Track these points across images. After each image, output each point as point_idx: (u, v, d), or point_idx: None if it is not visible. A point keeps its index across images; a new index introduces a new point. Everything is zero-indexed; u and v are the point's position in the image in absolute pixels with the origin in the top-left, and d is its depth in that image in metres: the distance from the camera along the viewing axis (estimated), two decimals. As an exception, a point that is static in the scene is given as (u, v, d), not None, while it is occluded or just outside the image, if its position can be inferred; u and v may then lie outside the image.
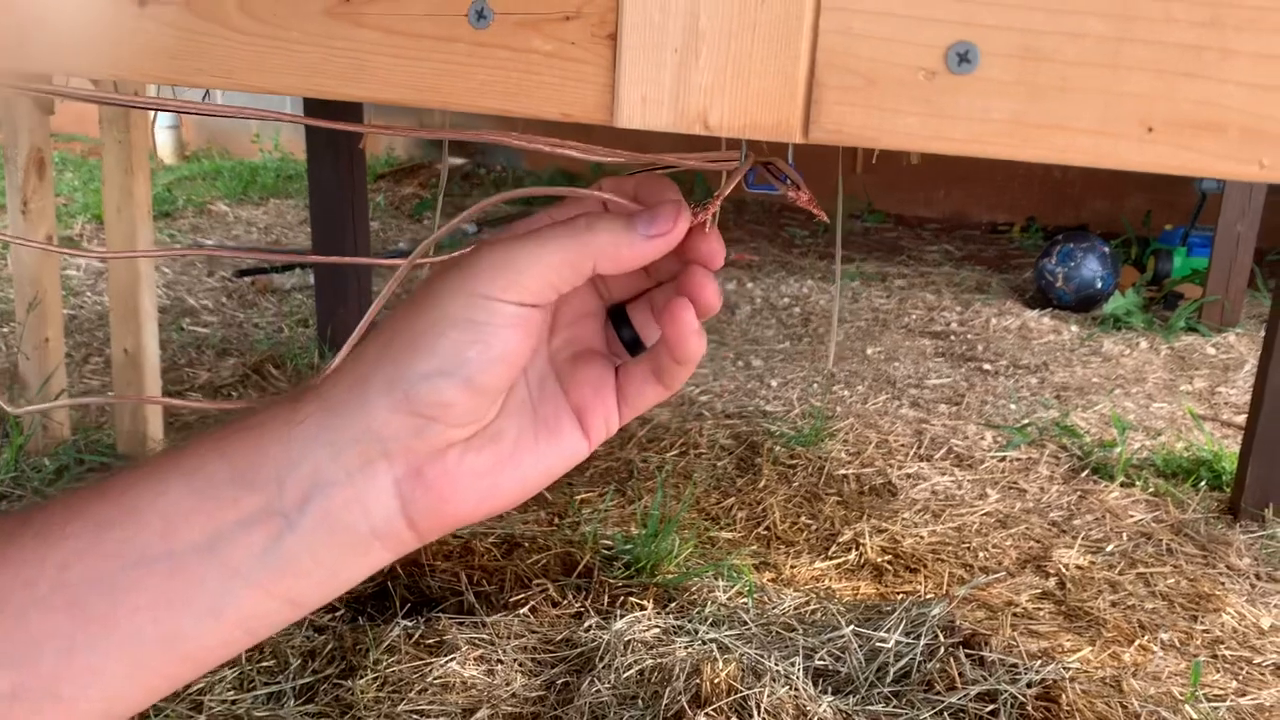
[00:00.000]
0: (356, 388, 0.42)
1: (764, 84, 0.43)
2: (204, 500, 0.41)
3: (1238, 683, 1.67)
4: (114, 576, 0.40)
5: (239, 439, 0.42)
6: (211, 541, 0.41)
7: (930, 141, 0.42)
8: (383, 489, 0.42)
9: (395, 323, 0.43)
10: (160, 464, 0.42)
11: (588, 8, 0.45)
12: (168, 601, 0.40)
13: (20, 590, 0.39)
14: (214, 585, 0.41)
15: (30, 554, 0.40)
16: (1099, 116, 0.40)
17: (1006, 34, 0.40)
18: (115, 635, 0.40)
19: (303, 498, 0.41)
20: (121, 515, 0.41)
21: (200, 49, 0.52)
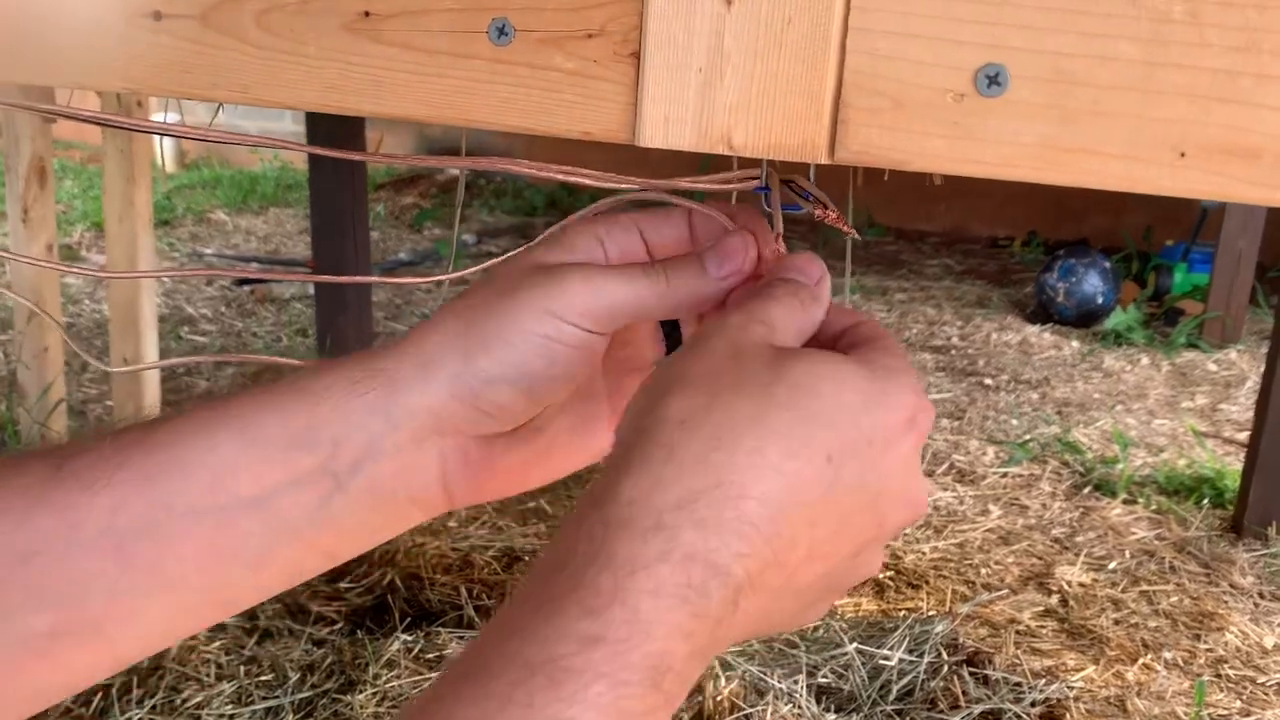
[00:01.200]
0: (424, 369, 0.43)
1: (789, 104, 0.43)
2: (256, 458, 0.42)
3: (1241, 703, 1.66)
4: (161, 526, 0.41)
5: (296, 399, 0.43)
6: (260, 498, 0.42)
7: (958, 164, 0.41)
8: (429, 462, 0.44)
9: (471, 312, 0.44)
10: (209, 417, 0.43)
11: (611, 25, 0.44)
12: (215, 552, 0.42)
13: (66, 532, 0.40)
14: (260, 539, 0.42)
15: (76, 498, 0.40)
16: (1130, 141, 0.40)
17: (1037, 57, 0.40)
18: (160, 581, 0.41)
19: (354, 463, 0.43)
20: (169, 466, 0.41)
21: (216, 63, 0.51)
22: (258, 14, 0.50)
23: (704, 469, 0.35)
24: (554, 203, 5.13)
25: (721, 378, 0.37)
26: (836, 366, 0.38)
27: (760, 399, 0.37)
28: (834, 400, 0.37)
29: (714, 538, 0.34)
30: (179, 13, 0.51)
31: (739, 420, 0.36)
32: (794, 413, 0.37)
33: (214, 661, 1.57)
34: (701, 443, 0.36)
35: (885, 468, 0.38)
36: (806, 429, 0.37)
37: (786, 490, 0.36)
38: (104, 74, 0.53)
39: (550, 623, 0.33)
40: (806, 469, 0.36)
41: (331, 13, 0.49)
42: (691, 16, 0.43)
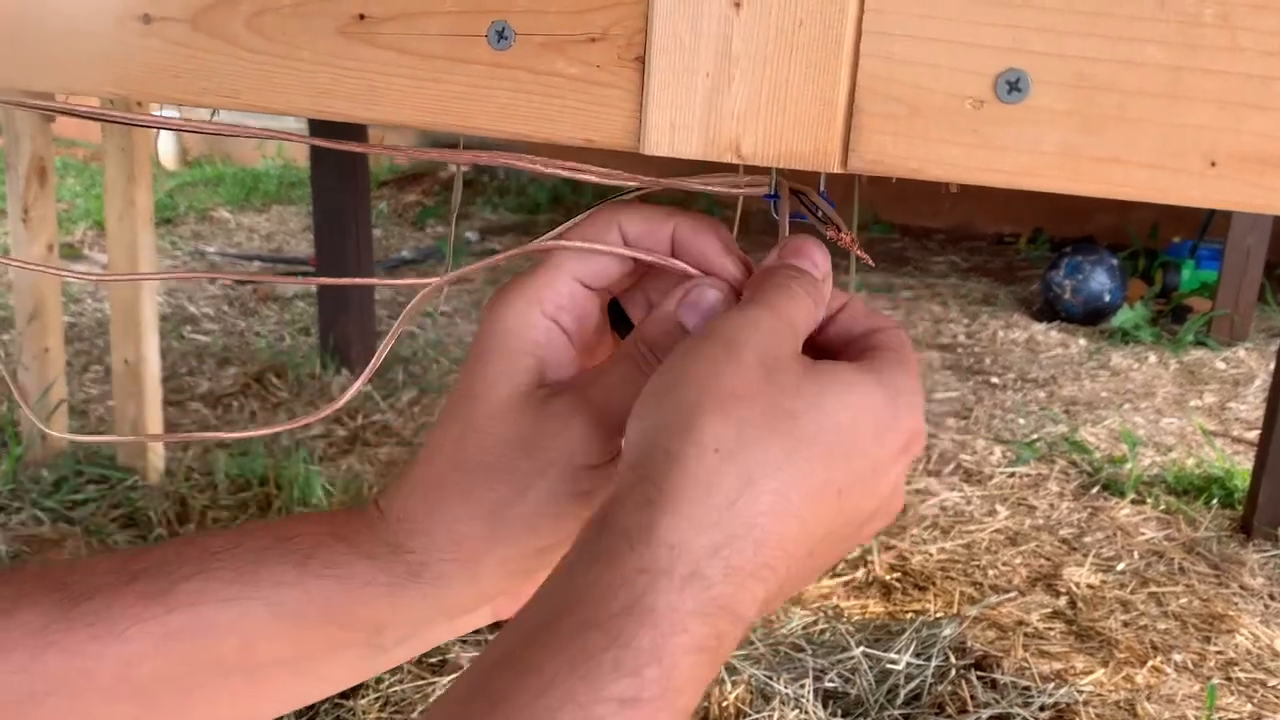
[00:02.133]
0: (467, 565, 0.42)
1: (801, 110, 0.41)
2: (288, 628, 0.41)
3: (1253, 706, 1.64)
4: (186, 678, 0.40)
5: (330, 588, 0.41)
6: (297, 661, 0.41)
7: (977, 173, 0.40)
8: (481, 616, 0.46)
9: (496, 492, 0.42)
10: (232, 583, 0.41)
11: (615, 29, 0.43)
12: (249, 700, 0.42)
13: (76, 678, 0.39)
14: (297, 689, 0.43)
15: (86, 646, 0.39)
16: (1158, 149, 0.38)
17: (1060, 61, 0.38)
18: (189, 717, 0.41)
19: (401, 638, 0.43)
20: (193, 629, 0.40)
21: (206, 68, 0.50)
22: (249, 17, 0.48)
23: (735, 511, 0.35)
24: (557, 199, 5.11)
25: (755, 402, 0.36)
26: (860, 394, 0.38)
27: (790, 434, 0.36)
28: (852, 431, 0.37)
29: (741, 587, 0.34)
30: (169, 15, 0.50)
31: (770, 459, 0.35)
32: (818, 449, 0.36)
33: (215, 666, 1.56)
34: (735, 479, 0.35)
35: (881, 490, 0.39)
36: (827, 467, 0.36)
37: (802, 533, 0.36)
38: (92, 78, 0.51)
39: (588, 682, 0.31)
40: (821, 510, 0.36)
41: (325, 15, 0.47)
42: (698, 19, 0.41)
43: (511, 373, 0.43)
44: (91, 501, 2.10)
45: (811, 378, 0.38)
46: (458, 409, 0.43)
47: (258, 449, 2.29)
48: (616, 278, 0.45)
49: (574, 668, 0.32)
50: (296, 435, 2.40)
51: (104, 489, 2.15)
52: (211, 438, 0.60)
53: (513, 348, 0.43)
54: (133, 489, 2.14)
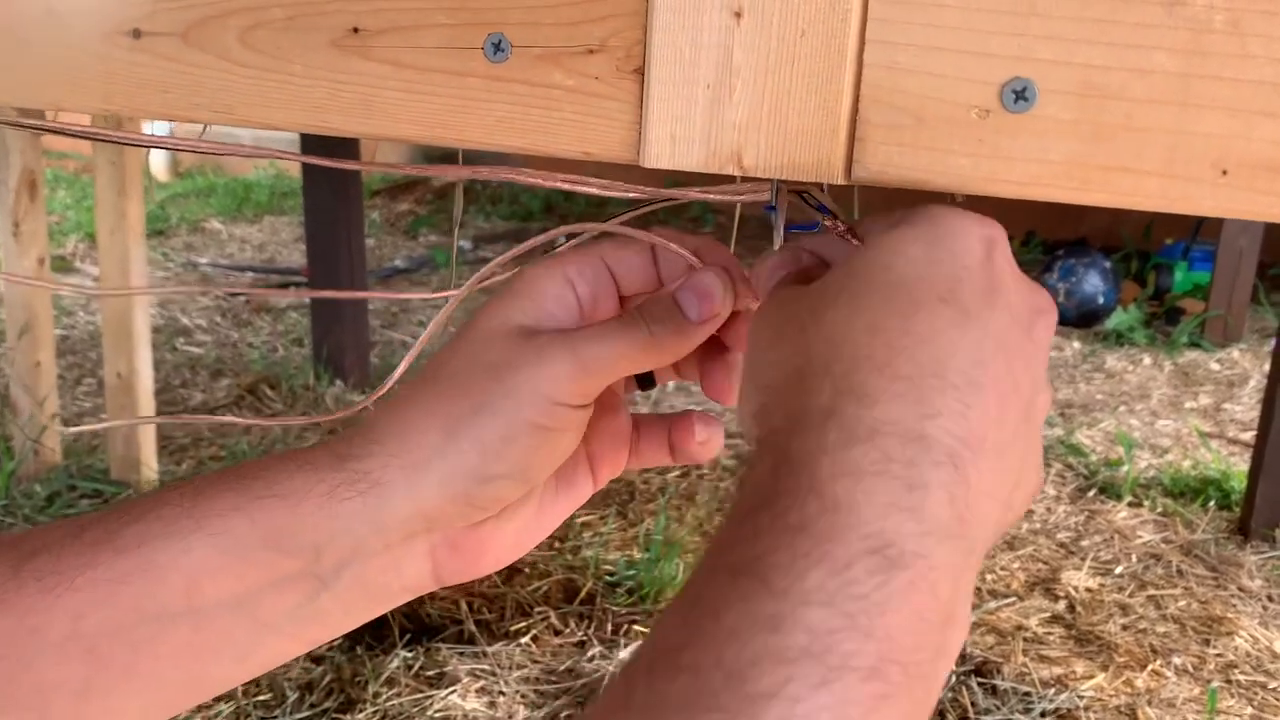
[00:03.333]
0: (411, 472, 0.42)
1: (804, 122, 0.40)
2: (232, 561, 0.41)
3: (1253, 709, 1.64)
4: (133, 629, 0.39)
5: (271, 507, 0.41)
6: (240, 599, 0.41)
7: (984, 184, 0.39)
8: (418, 556, 0.43)
9: (455, 403, 0.42)
10: (176, 518, 0.41)
11: (613, 40, 0.42)
12: (193, 652, 0.41)
13: (26, 637, 0.38)
14: (242, 637, 0.41)
15: (35, 601, 0.38)
16: (1167, 158, 0.37)
17: (1067, 70, 0.37)
18: (134, 681, 0.40)
19: (340, 563, 0.42)
20: (139, 570, 0.40)
21: (198, 83, 0.49)
22: (242, 31, 0.48)
23: (886, 356, 0.33)
24: (550, 207, 5.10)
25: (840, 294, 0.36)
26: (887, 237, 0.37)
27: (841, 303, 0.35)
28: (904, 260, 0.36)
29: (909, 408, 0.32)
30: (160, 30, 0.49)
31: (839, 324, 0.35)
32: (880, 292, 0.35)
33: (211, 682, 1.55)
34: (882, 341, 0.34)
35: (994, 279, 0.36)
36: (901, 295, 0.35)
37: (922, 341, 0.34)
38: (81, 94, 0.50)
39: (754, 534, 0.30)
40: (933, 319, 0.34)
41: (319, 30, 0.46)
42: (698, 30, 0.41)
43: (510, 309, 0.43)
44: (84, 516, 2.08)
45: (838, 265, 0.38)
46: (452, 340, 0.44)
47: (252, 461, 2.28)
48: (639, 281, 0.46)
49: (739, 528, 0.31)
50: (291, 445, 2.39)
51: (97, 503, 2.13)
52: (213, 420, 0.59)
53: (520, 290, 0.44)
54: (126, 503, 2.13)
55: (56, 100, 0.52)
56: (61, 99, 0.51)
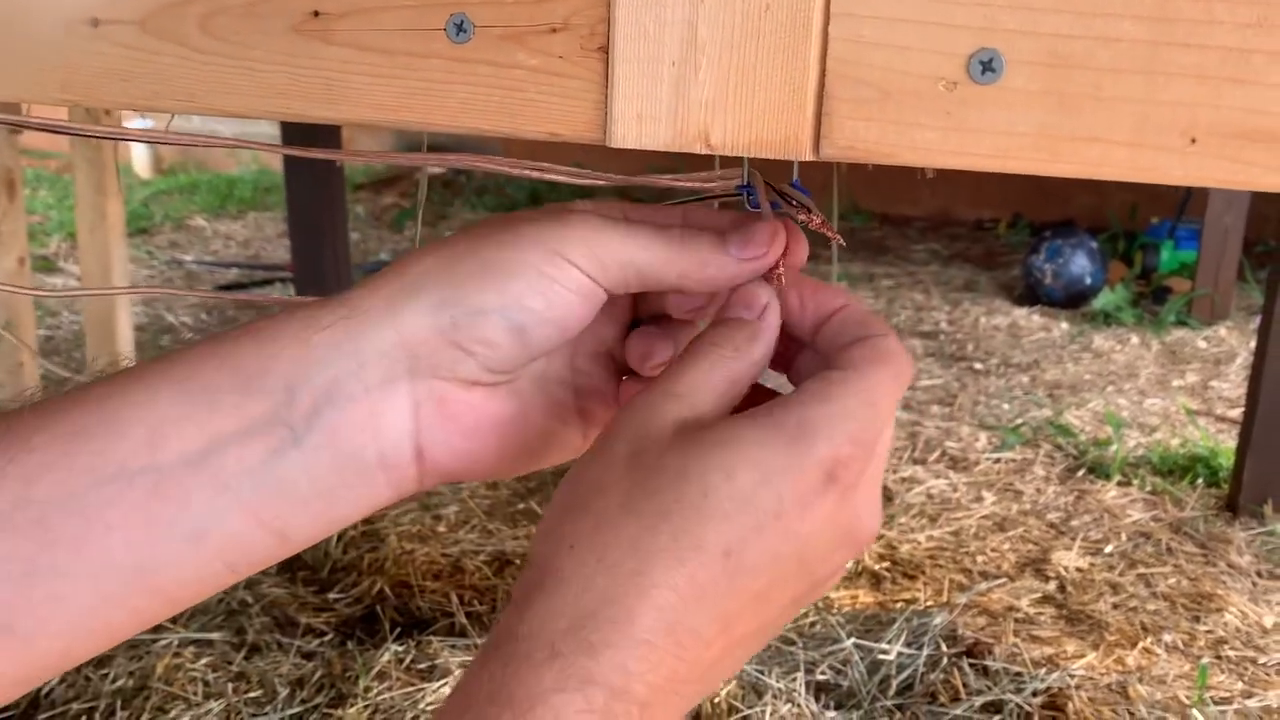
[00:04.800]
0: (399, 296, 0.39)
1: (770, 97, 0.40)
2: (198, 407, 0.37)
3: (1243, 684, 1.64)
4: (86, 493, 0.36)
5: (244, 345, 0.38)
6: (204, 452, 0.37)
7: (952, 157, 0.39)
8: (400, 409, 0.40)
9: (459, 246, 0.41)
10: (146, 371, 0.38)
11: (576, 18, 0.42)
12: (146, 521, 0.36)
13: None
14: (200, 503, 0.37)
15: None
16: (1136, 127, 0.37)
17: (1033, 39, 0.37)
18: (83, 559, 0.36)
19: (313, 409, 0.38)
20: (99, 424, 0.36)
21: (158, 71, 0.48)
22: (201, 18, 0.47)
23: (591, 594, 0.34)
24: (536, 199, 5.09)
25: (612, 492, 0.36)
26: (737, 448, 0.36)
27: (645, 514, 0.36)
28: (726, 489, 0.36)
29: (608, 661, 0.33)
30: (118, 18, 0.48)
31: (623, 542, 0.35)
32: (680, 520, 0.35)
33: (201, 679, 1.54)
34: (589, 566, 0.35)
35: (803, 531, 0.37)
36: (695, 532, 0.35)
37: (680, 601, 0.35)
38: (40, 86, 0.50)
39: None
40: (701, 573, 0.35)
41: (279, 14, 0.46)
42: (662, 6, 0.40)
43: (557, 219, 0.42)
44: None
45: (677, 448, 0.37)
46: None
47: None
48: None
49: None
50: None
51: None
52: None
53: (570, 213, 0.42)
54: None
55: (14, 92, 0.51)
56: (19, 90, 0.50)
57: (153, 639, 1.63)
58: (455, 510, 2.08)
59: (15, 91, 0.51)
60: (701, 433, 0.37)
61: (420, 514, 2.06)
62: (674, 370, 0.40)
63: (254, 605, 1.74)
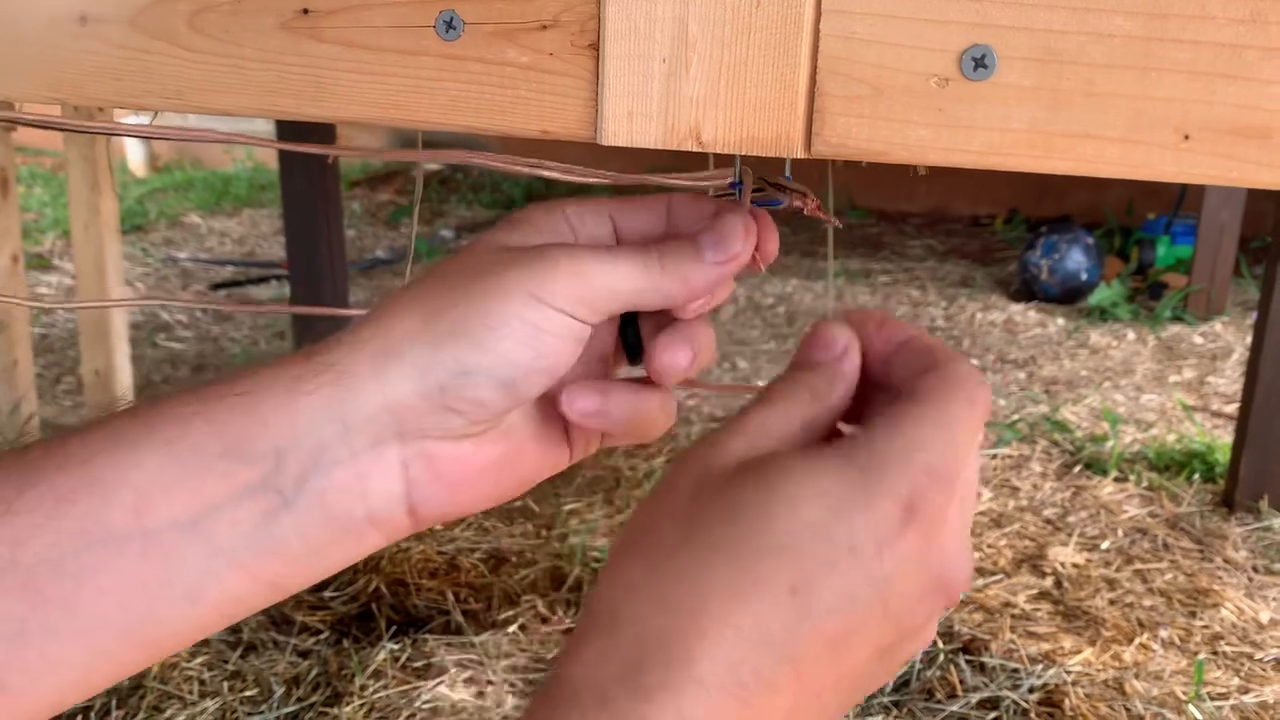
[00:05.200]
0: (382, 360, 0.39)
1: (761, 94, 0.40)
2: (188, 473, 0.37)
3: (1240, 679, 1.65)
4: (77, 557, 0.36)
5: (230, 406, 0.38)
6: (195, 518, 0.37)
7: (945, 154, 0.38)
8: (389, 471, 0.39)
9: (441, 296, 0.39)
10: (130, 429, 0.37)
11: (566, 15, 0.41)
12: (139, 584, 0.36)
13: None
14: (194, 566, 0.37)
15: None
16: (1129, 124, 0.37)
17: (1026, 35, 0.37)
18: (76, 621, 0.36)
19: (301, 475, 0.38)
20: (84, 486, 0.36)
21: (147, 69, 0.48)
22: (190, 15, 0.47)
23: (646, 636, 0.32)
24: (532, 195, 5.08)
25: (671, 531, 0.34)
26: (797, 482, 0.34)
27: (699, 548, 0.33)
28: (789, 521, 0.33)
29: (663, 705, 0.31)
30: (107, 16, 0.48)
31: (679, 579, 0.33)
32: (734, 553, 0.33)
33: (196, 678, 1.54)
34: (644, 606, 0.33)
35: (883, 573, 0.34)
36: (754, 567, 0.33)
37: (744, 640, 0.32)
38: (28, 84, 0.49)
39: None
40: (766, 611, 0.32)
41: (268, 11, 0.45)
42: (653, 3, 0.40)
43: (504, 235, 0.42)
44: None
45: (739, 481, 0.35)
46: None
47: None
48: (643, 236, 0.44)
49: None
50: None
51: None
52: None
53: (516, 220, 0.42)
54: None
55: (3, 91, 0.51)
56: (9, 88, 0.50)
57: (148, 638, 1.63)
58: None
59: (4, 91, 0.50)
60: (759, 465, 0.35)
61: (416, 512, 2.06)
62: (747, 410, 0.38)
63: (250, 604, 1.74)
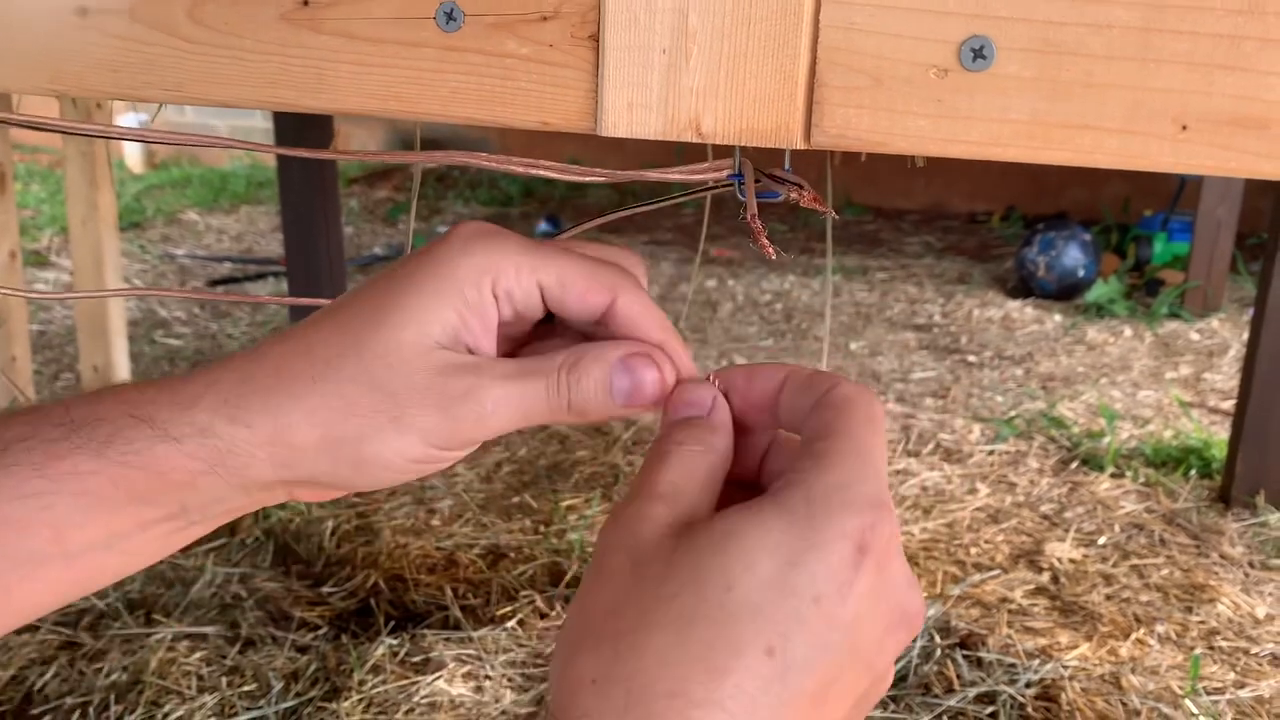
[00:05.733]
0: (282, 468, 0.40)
1: (761, 85, 0.40)
2: (98, 514, 0.40)
3: (1235, 674, 1.65)
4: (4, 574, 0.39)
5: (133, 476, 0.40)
6: (109, 542, 0.41)
7: (943, 145, 0.39)
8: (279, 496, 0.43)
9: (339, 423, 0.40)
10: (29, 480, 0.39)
11: (566, 7, 0.41)
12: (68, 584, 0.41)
13: None
14: (114, 566, 0.42)
15: None
16: (1128, 114, 0.37)
17: (1025, 26, 0.37)
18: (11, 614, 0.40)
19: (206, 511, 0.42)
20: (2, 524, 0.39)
21: (147, 61, 0.48)
22: (190, 7, 0.47)
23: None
24: (530, 192, 5.08)
25: (625, 612, 0.33)
26: (743, 539, 0.34)
27: (667, 626, 0.32)
28: (751, 581, 0.33)
29: None
30: (106, 7, 0.48)
31: (649, 663, 0.32)
32: (707, 624, 0.32)
33: (195, 673, 1.54)
34: (616, 700, 0.32)
35: (848, 616, 0.33)
36: (728, 636, 0.32)
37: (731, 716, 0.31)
38: (28, 75, 0.49)
39: None
40: (748, 682, 0.32)
41: (268, 3, 0.45)
42: (653, -6, 0.40)
43: (429, 321, 0.40)
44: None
45: (684, 548, 0.34)
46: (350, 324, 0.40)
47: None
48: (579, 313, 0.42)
49: None
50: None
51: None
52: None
53: (446, 297, 0.40)
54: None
55: (2, 82, 0.51)
56: (8, 80, 0.50)
57: (146, 633, 1.63)
58: (449, 504, 2.08)
59: (3, 82, 0.50)
60: (702, 529, 0.35)
61: (414, 507, 2.06)
62: (648, 474, 0.38)
63: (248, 599, 1.74)
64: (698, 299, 3.60)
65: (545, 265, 0.41)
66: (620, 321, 0.41)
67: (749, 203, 0.45)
